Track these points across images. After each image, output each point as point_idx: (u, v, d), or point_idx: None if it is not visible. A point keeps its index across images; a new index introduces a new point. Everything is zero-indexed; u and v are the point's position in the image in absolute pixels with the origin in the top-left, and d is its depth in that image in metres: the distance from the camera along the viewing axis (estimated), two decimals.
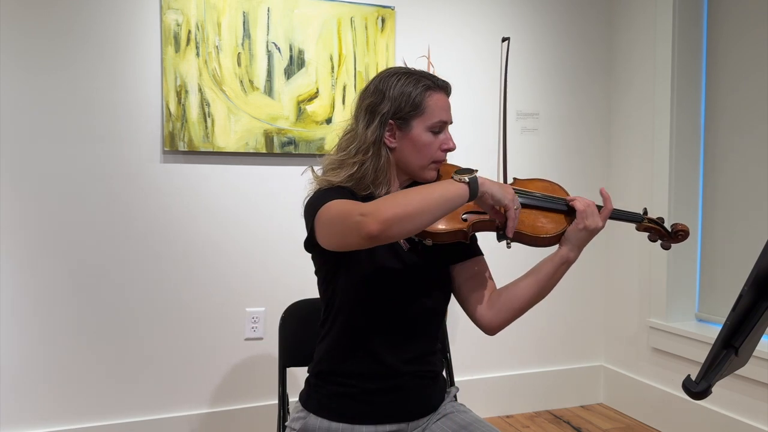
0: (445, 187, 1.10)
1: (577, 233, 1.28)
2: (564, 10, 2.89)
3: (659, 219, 1.39)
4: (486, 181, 1.14)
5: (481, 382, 2.80)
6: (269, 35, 2.39)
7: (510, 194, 1.17)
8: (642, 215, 1.38)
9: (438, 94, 1.29)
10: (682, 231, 1.37)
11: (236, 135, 2.36)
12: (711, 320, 2.63)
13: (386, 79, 1.29)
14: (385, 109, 1.26)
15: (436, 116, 1.28)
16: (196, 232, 2.37)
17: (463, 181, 1.11)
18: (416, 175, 1.32)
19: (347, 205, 1.13)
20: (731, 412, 2.38)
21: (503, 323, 1.33)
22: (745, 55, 2.46)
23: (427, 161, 1.30)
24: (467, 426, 1.32)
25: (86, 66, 2.21)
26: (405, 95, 1.26)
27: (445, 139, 1.30)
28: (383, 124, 1.27)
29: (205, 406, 2.41)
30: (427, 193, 1.08)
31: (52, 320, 2.21)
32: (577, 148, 2.95)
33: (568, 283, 2.92)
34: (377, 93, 1.28)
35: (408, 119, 1.27)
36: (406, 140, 1.28)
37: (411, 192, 1.09)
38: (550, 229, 1.30)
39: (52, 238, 2.20)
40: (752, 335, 0.84)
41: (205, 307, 2.39)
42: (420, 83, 1.27)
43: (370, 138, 1.27)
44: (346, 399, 1.29)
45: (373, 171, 1.27)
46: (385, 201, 1.08)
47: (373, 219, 1.03)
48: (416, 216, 1.06)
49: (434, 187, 1.11)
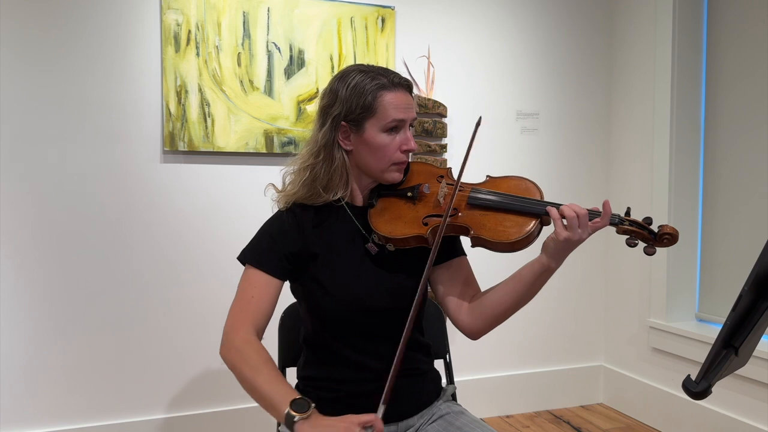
0: (278, 400, 1.10)
1: (557, 243, 1.17)
2: (564, 10, 2.89)
3: (645, 219, 1.22)
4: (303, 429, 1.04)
5: (481, 382, 2.80)
6: (269, 35, 2.39)
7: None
8: (622, 217, 1.21)
9: (393, 93, 1.22)
10: (669, 235, 1.18)
11: (236, 135, 2.36)
12: (711, 320, 2.63)
13: (341, 80, 1.24)
14: (336, 111, 1.22)
15: (389, 116, 1.21)
16: (196, 231, 2.37)
17: (289, 414, 1.06)
18: (377, 178, 1.28)
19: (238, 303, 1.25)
20: (731, 412, 2.38)
21: (483, 329, 1.29)
22: (745, 54, 2.46)
23: (385, 164, 1.25)
24: (462, 428, 1.29)
25: (86, 66, 2.21)
26: (356, 96, 1.21)
27: (404, 139, 1.24)
28: (335, 127, 1.23)
29: (204, 406, 2.41)
30: (262, 388, 1.14)
31: (52, 320, 2.21)
32: (577, 148, 2.95)
33: (569, 284, 2.93)
34: (331, 94, 1.24)
35: (360, 120, 1.22)
36: (360, 142, 1.24)
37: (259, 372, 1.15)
38: (512, 233, 1.19)
39: (52, 237, 2.20)
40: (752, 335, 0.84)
41: (206, 307, 2.39)
42: (373, 82, 1.21)
43: (321, 141, 1.24)
44: (334, 403, 1.26)
45: (325, 175, 1.24)
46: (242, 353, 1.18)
47: (223, 346, 1.21)
48: (242, 383, 1.18)
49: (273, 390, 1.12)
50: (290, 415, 1.05)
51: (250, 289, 1.25)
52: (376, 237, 1.28)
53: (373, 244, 1.29)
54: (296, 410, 1.06)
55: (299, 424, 1.04)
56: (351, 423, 1.04)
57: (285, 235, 1.28)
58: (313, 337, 1.32)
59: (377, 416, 1.07)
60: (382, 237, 1.26)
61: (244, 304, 1.24)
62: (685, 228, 2.65)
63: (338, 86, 1.23)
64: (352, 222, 1.30)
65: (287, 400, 1.08)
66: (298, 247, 1.27)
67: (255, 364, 1.15)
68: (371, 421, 1.04)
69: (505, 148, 2.81)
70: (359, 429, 1.03)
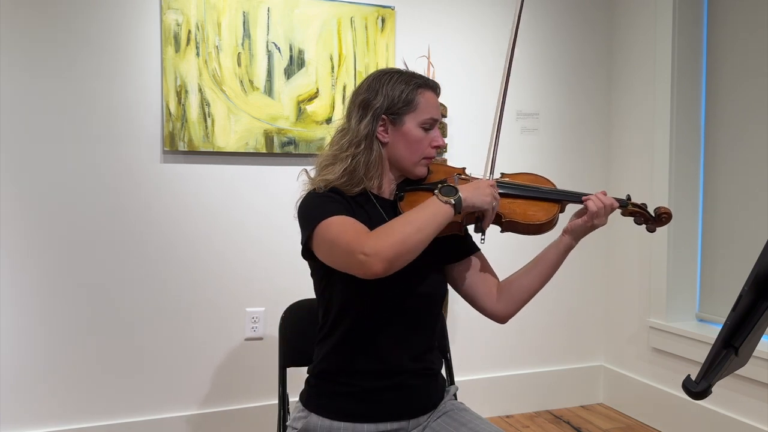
0: (433, 210, 1.18)
1: (584, 228, 1.34)
2: (564, 10, 2.89)
3: (642, 204, 1.44)
4: (467, 195, 1.22)
5: (481, 382, 2.80)
6: (269, 35, 2.39)
7: (488, 199, 1.26)
8: (626, 200, 1.43)
9: (429, 93, 1.34)
10: (665, 213, 1.41)
11: (236, 135, 2.36)
12: (711, 320, 2.63)
13: (379, 78, 1.34)
14: (378, 104, 1.30)
15: (427, 113, 1.32)
16: (196, 231, 2.37)
17: (449, 203, 1.19)
18: (407, 170, 1.36)
19: (349, 233, 1.17)
20: (731, 412, 2.38)
21: (514, 311, 1.39)
22: (745, 54, 2.46)
23: (418, 157, 1.34)
24: (467, 423, 1.33)
25: (86, 66, 2.21)
26: (398, 91, 1.31)
27: (435, 136, 1.35)
28: (376, 119, 1.31)
29: (205, 406, 2.41)
30: (421, 222, 1.16)
31: (52, 320, 2.21)
32: (577, 148, 2.95)
33: (569, 284, 2.93)
34: (371, 90, 1.32)
35: (401, 114, 1.31)
36: (398, 135, 1.32)
37: (405, 221, 1.17)
38: (540, 216, 1.36)
39: (51, 237, 2.20)
40: (752, 335, 0.84)
41: (206, 307, 2.39)
42: (412, 81, 1.33)
43: (362, 132, 1.30)
44: (348, 398, 1.29)
45: (364, 165, 1.30)
46: (385, 236, 1.14)
47: (377, 260, 1.11)
48: (414, 246, 1.15)
49: (425, 211, 1.18)
50: (453, 200, 1.20)
51: (346, 221, 1.21)
52: None
53: None
54: (447, 193, 1.21)
55: (462, 193, 1.21)
56: (486, 184, 1.27)
57: (337, 200, 1.29)
58: (340, 326, 1.31)
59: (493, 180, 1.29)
60: None
61: (352, 228, 1.19)
62: (686, 228, 2.65)
63: (377, 83, 1.33)
64: (380, 214, 1.34)
65: (436, 198, 1.20)
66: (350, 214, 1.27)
67: (392, 225, 1.17)
68: (493, 183, 1.29)
69: (506, 148, 2.81)
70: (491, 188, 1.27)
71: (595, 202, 1.34)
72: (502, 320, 1.40)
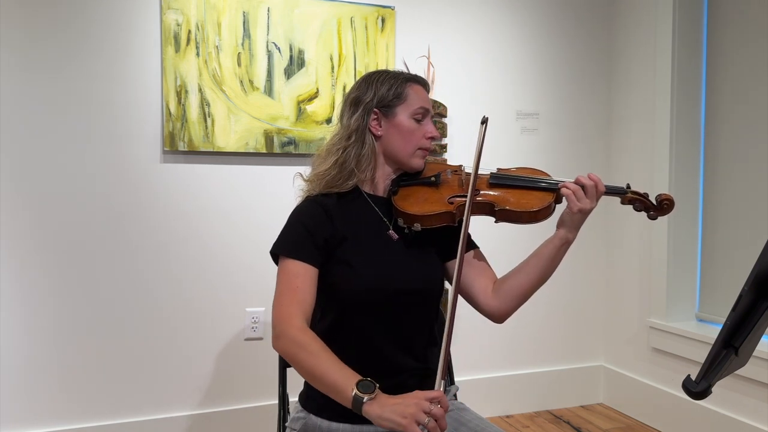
0: (338, 385, 1.10)
1: (572, 216, 1.31)
2: (564, 10, 2.89)
3: (644, 193, 1.39)
4: (372, 409, 1.05)
5: (481, 382, 2.80)
6: (269, 35, 2.39)
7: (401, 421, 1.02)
8: (625, 188, 1.38)
9: (417, 86, 1.38)
10: (667, 200, 1.35)
11: (236, 135, 2.36)
12: (711, 320, 2.63)
13: (368, 77, 1.39)
14: (368, 99, 1.34)
15: (417, 103, 1.35)
16: (196, 231, 2.37)
17: (356, 396, 1.07)
18: (404, 162, 1.37)
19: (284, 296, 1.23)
20: (731, 412, 2.38)
21: (511, 310, 1.37)
22: (745, 54, 2.46)
23: (412, 148, 1.36)
24: (467, 423, 1.33)
25: (86, 66, 2.21)
26: (387, 85, 1.35)
27: (428, 128, 1.37)
28: (368, 113, 1.34)
29: (205, 406, 2.41)
30: (321, 378, 1.12)
31: (52, 320, 2.21)
32: (577, 148, 2.95)
33: (569, 283, 2.93)
34: (360, 88, 1.37)
35: (392, 107, 1.35)
36: (391, 127, 1.35)
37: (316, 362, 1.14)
38: (535, 204, 1.34)
39: (51, 237, 2.20)
40: (752, 335, 0.84)
41: (206, 307, 2.39)
42: (400, 76, 1.37)
43: (353, 126, 1.34)
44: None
45: (355, 157, 1.33)
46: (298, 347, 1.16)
47: (278, 344, 1.19)
48: (303, 372, 1.17)
49: (332, 377, 1.11)
50: (358, 396, 1.07)
51: (294, 279, 1.26)
52: (401, 220, 1.34)
53: (394, 231, 1.35)
54: (363, 391, 1.07)
55: (367, 404, 1.06)
56: (419, 399, 1.04)
57: (317, 221, 1.31)
58: (337, 328, 1.32)
59: (442, 392, 1.07)
60: (410, 217, 1.32)
61: (290, 294, 1.24)
62: (686, 228, 2.65)
63: (367, 81, 1.37)
64: (373, 211, 1.36)
65: (352, 383, 1.08)
66: (329, 233, 1.30)
67: (314, 351, 1.15)
68: (438, 397, 1.05)
69: (505, 148, 2.81)
70: (428, 404, 1.03)
71: (568, 186, 1.32)
72: (498, 319, 1.38)
